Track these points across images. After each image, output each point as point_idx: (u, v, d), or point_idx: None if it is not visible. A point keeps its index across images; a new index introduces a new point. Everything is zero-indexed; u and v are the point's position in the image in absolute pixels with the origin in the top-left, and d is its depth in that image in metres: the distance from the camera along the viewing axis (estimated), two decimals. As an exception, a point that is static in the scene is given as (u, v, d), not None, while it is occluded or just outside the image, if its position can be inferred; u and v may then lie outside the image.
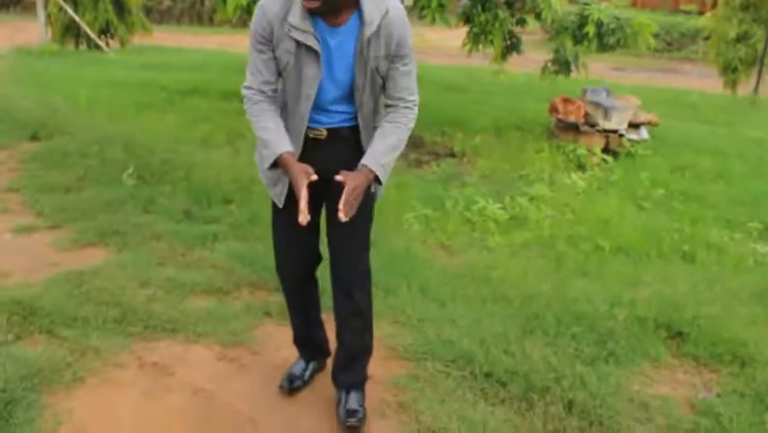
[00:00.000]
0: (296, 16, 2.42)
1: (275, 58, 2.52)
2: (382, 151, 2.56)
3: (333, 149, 2.64)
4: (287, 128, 2.58)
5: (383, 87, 2.61)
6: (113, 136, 6.74)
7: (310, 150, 2.62)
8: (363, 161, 2.53)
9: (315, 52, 2.46)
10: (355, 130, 2.66)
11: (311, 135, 2.63)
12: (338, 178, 2.45)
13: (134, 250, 4.41)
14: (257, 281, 4.03)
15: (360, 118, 2.65)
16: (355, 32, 2.48)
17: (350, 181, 2.44)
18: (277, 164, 2.53)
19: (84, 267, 4.08)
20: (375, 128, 2.65)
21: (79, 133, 6.96)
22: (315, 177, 2.43)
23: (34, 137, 6.92)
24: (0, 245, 4.49)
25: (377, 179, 2.54)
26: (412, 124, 2.65)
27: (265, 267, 4.05)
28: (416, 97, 2.64)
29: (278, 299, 3.64)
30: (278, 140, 2.53)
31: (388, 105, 2.65)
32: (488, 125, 8.16)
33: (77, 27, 14.22)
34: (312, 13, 2.42)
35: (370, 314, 2.88)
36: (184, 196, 5.38)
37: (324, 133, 2.64)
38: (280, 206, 2.72)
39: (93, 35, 14.17)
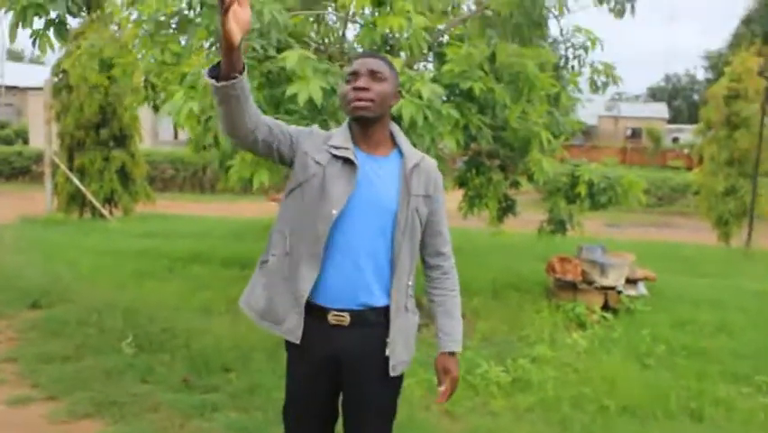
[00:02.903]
0: (338, 140, 2.47)
1: (291, 145, 2.45)
2: (455, 327, 2.63)
3: (358, 334, 2.46)
4: (290, 251, 2.46)
5: (420, 243, 2.58)
6: (113, 304, 6.76)
7: (330, 336, 2.45)
8: (445, 346, 2.60)
9: (352, 165, 2.41)
10: (384, 312, 2.49)
11: (332, 321, 2.45)
12: (441, 391, 2.58)
13: (131, 422, 4.32)
14: (256, 453, 3.93)
15: (393, 276, 2.47)
16: (397, 162, 2.50)
17: (448, 377, 2.58)
18: (218, 73, 2.19)
19: (79, 441, 3.98)
20: (407, 308, 2.54)
21: (80, 301, 6.99)
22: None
23: (35, 305, 6.94)
24: (-6, 420, 4.41)
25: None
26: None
27: (264, 438, 3.96)
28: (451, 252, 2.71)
29: (277, 472, 3.53)
30: None
31: (431, 267, 2.66)
32: (486, 286, 8.20)
33: (83, 196, 14.59)
34: (359, 118, 2.45)
35: None
36: (183, 364, 5.33)
37: (347, 319, 2.45)
38: (297, 341, 2.45)
39: (97, 204, 14.52)
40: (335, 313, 2.44)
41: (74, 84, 14.13)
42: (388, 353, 2.48)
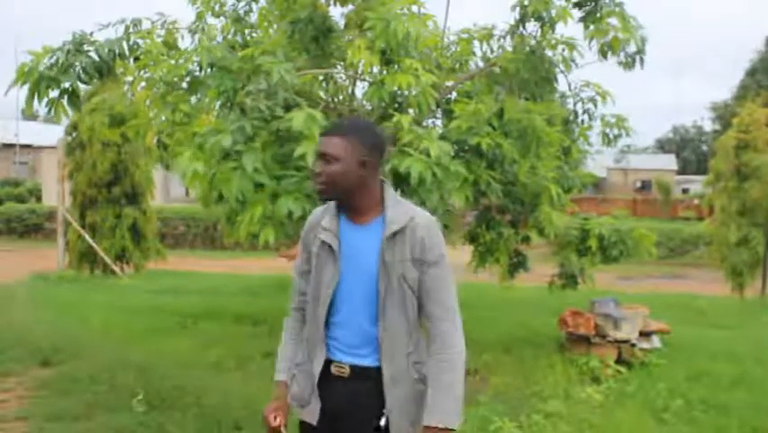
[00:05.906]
0: (327, 220, 2.50)
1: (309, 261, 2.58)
2: (437, 398, 2.38)
3: (356, 390, 2.47)
4: (307, 337, 2.59)
5: (418, 307, 2.48)
6: (124, 361, 6.74)
7: (331, 387, 2.50)
8: (425, 420, 2.37)
9: (333, 250, 2.47)
10: (377, 374, 2.47)
11: (334, 372, 2.50)
12: None
13: (141, 483, 4.27)
14: None
15: (382, 344, 2.45)
16: (380, 230, 2.46)
17: None
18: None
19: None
20: (412, 377, 2.48)
21: (91, 358, 6.98)
22: (277, 423, 2.53)
23: (45, 363, 6.93)
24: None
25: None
26: (459, 350, 2.43)
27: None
28: (454, 314, 2.45)
29: None
30: (279, 366, 2.66)
31: (429, 332, 2.48)
32: (498, 341, 8.14)
33: (94, 253, 14.67)
34: (324, 200, 2.52)
35: None
36: (194, 422, 5.28)
37: (348, 370, 2.49)
38: (314, 422, 2.50)
39: (109, 261, 14.58)
40: (337, 364, 2.51)
41: (87, 141, 14.34)
42: (382, 423, 2.44)
